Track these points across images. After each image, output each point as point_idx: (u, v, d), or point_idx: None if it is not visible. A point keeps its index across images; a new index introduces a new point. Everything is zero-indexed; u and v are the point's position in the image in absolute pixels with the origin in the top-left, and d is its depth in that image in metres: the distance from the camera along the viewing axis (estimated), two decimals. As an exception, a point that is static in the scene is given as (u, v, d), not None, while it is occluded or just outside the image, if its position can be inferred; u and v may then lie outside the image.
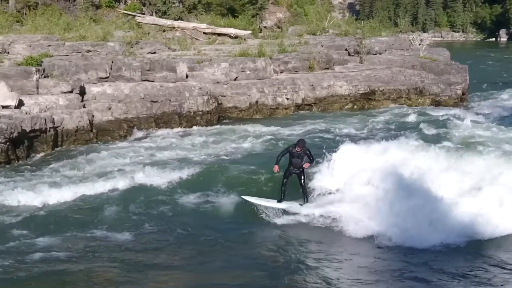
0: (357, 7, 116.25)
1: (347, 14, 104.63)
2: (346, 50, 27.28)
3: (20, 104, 15.79)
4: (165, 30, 28.46)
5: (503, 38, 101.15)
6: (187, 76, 19.97)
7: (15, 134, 14.37)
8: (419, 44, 31.05)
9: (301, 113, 21.29)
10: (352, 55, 26.95)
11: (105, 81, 18.54)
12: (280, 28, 38.28)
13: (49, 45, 21.09)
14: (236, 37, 28.30)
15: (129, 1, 38.47)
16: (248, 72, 21.21)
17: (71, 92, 17.12)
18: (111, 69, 18.79)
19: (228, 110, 20.29)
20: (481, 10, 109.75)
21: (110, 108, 17.82)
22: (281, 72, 22.74)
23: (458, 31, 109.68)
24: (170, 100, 18.61)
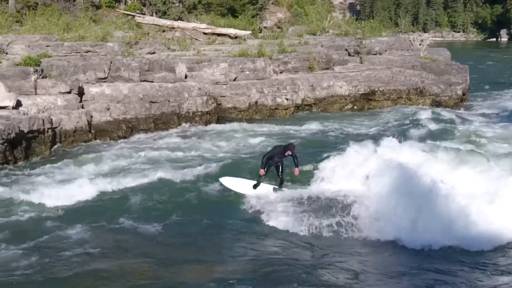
0: (358, 7, 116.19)
1: (347, 14, 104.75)
2: (346, 50, 27.20)
3: (18, 104, 15.68)
4: (165, 31, 28.38)
5: (504, 38, 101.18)
6: (186, 76, 19.88)
7: (13, 135, 14.25)
8: (420, 44, 30.99)
9: (301, 113, 21.22)
10: (352, 55, 26.88)
11: (104, 81, 18.46)
12: (280, 28, 38.21)
13: (47, 46, 20.98)
14: (236, 37, 28.24)
15: (129, 1, 38.42)
16: (247, 72, 21.12)
17: (69, 92, 17.02)
18: (109, 69, 18.70)
19: (228, 111, 20.19)
20: (482, 10, 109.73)
21: (108, 109, 17.75)
22: (280, 72, 22.65)
23: (459, 31, 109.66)
24: (169, 101, 18.52)
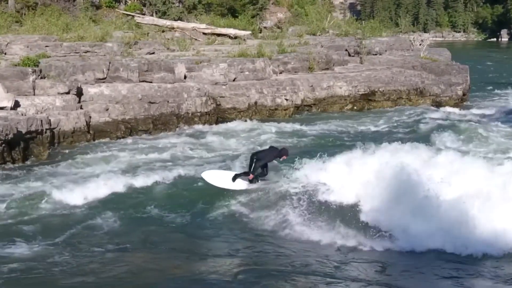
0: (358, 7, 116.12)
1: (348, 14, 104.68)
2: (346, 50, 27.11)
3: (16, 105, 15.59)
4: (164, 31, 28.31)
5: (504, 38, 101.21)
6: (185, 77, 19.80)
7: (11, 135, 14.17)
8: (420, 44, 30.91)
9: (300, 114, 21.15)
10: (352, 56, 26.79)
11: (103, 82, 18.37)
12: (280, 28, 38.12)
13: (46, 46, 20.92)
14: (235, 37, 28.18)
15: (129, 1, 38.37)
16: (247, 72, 21.03)
17: (68, 93, 16.94)
18: (108, 69, 18.62)
19: (227, 111, 20.10)
20: (482, 10, 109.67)
21: (107, 109, 17.68)
22: (280, 72, 22.56)
23: (459, 31, 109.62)
24: (168, 101, 18.45)
